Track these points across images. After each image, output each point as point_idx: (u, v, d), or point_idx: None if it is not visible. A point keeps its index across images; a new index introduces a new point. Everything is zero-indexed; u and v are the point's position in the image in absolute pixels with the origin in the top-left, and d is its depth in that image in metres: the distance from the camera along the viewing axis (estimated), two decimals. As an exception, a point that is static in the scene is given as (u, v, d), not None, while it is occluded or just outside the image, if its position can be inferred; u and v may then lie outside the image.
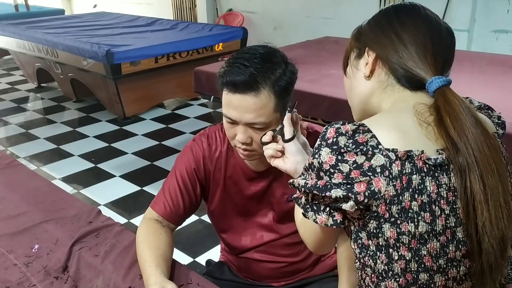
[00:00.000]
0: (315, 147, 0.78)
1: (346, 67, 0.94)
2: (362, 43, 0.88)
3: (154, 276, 1.07)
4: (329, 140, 0.75)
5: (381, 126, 0.76)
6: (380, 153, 0.73)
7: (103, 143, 4.14)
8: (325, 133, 0.76)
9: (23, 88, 5.94)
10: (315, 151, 0.77)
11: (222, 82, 1.09)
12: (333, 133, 0.75)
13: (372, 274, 0.81)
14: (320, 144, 0.76)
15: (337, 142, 0.74)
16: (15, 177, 1.75)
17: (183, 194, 1.25)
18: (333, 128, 0.76)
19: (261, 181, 1.27)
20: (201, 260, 2.45)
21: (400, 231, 0.74)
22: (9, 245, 1.34)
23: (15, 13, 7.12)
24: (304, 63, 3.11)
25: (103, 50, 3.99)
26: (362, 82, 0.88)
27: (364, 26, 0.90)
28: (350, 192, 0.72)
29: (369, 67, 0.86)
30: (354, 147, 0.73)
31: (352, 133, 0.74)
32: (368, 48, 0.86)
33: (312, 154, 0.77)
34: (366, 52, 0.87)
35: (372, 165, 0.72)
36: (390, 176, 0.72)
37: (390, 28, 0.85)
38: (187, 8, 6.96)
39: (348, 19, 5.10)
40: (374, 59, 0.85)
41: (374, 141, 0.73)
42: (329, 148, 0.74)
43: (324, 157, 0.75)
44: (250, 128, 1.10)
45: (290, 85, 1.11)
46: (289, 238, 1.33)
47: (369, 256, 0.80)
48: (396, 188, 0.73)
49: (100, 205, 3.06)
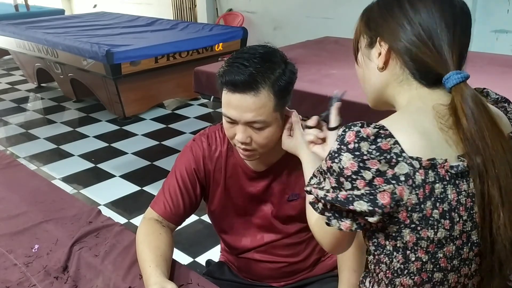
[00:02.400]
0: (333, 150, 0.74)
1: (357, 54, 0.89)
2: (373, 31, 0.82)
3: (154, 276, 1.06)
4: (349, 145, 0.72)
5: (402, 129, 0.74)
6: (404, 161, 0.71)
7: (103, 143, 4.14)
8: (344, 136, 0.74)
9: (23, 88, 5.94)
10: (334, 154, 0.74)
11: (222, 82, 1.09)
12: (353, 137, 0.72)
13: (387, 270, 0.81)
14: (340, 148, 0.73)
15: (359, 148, 0.71)
16: (15, 177, 1.75)
17: (183, 194, 1.25)
18: (352, 131, 0.73)
19: (261, 181, 1.27)
20: (201, 260, 2.45)
21: (419, 236, 0.74)
22: (9, 245, 1.34)
23: (15, 13, 7.12)
24: (304, 63, 3.11)
25: (103, 50, 3.99)
26: (376, 73, 0.84)
27: (373, 9, 0.83)
28: (376, 207, 0.71)
29: (382, 59, 0.82)
30: (378, 154, 0.71)
31: (374, 138, 0.72)
32: (379, 38, 0.81)
33: (330, 158, 0.74)
34: (378, 42, 0.82)
35: (396, 173, 0.71)
36: (413, 184, 0.71)
37: (403, 15, 0.79)
38: (187, 8, 6.95)
39: (348, 19, 5.07)
40: (387, 51, 0.81)
41: (397, 148, 0.71)
42: (350, 153, 0.72)
43: (346, 162, 0.72)
44: (250, 127, 1.10)
45: (290, 85, 1.11)
46: (290, 239, 1.33)
47: (385, 255, 0.80)
48: (418, 196, 0.72)
49: (100, 205, 3.06)
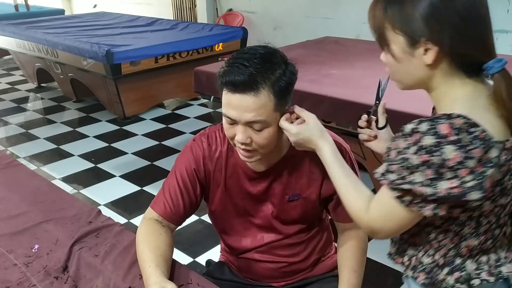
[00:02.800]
0: (430, 144, 0.79)
1: (383, 44, 0.91)
2: (417, 32, 0.85)
3: (154, 276, 1.06)
4: (449, 137, 0.78)
5: (481, 118, 0.81)
6: (495, 146, 0.81)
7: (103, 143, 4.14)
8: (436, 129, 0.79)
9: (23, 88, 5.94)
10: (433, 148, 0.79)
11: (222, 82, 1.09)
12: (450, 130, 0.79)
13: (454, 237, 0.93)
14: (439, 142, 0.78)
15: (461, 140, 0.78)
16: (15, 177, 1.75)
17: (183, 194, 1.25)
18: (444, 124, 0.79)
19: (262, 181, 1.26)
20: (201, 260, 2.45)
21: (496, 205, 0.88)
22: (9, 245, 1.34)
23: (15, 13, 7.12)
24: (304, 63, 3.11)
25: (103, 50, 3.99)
26: (420, 68, 0.88)
27: (408, 10, 0.84)
28: (484, 193, 0.80)
29: (431, 58, 0.86)
30: (479, 143, 0.79)
31: (467, 128, 0.79)
32: (426, 40, 0.84)
33: (427, 152, 0.79)
34: (424, 43, 0.85)
35: (490, 157, 0.80)
36: (499, 164, 0.82)
37: (456, 15, 0.82)
38: (187, 8, 6.95)
39: (348, 19, 5.10)
40: (437, 52, 0.85)
41: (488, 135, 0.80)
42: (453, 145, 0.78)
43: (449, 154, 0.78)
44: (250, 128, 1.10)
45: (290, 86, 1.11)
46: (290, 239, 1.33)
47: (456, 224, 0.91)
48: (502, 174, 0.84)
49: (100, 205, 3.06)
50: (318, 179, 1.25)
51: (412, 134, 0.83)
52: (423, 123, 0.81)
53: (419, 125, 0.82)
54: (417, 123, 0.82)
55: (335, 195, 1.27)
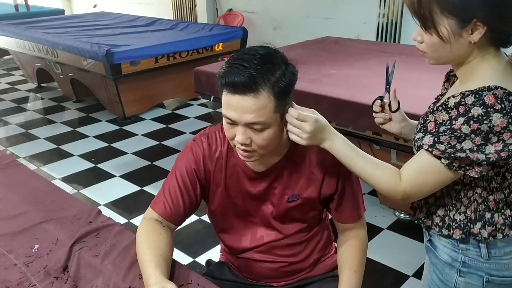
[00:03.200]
0: (479, 114, 0.90)
1: (429, 26, 0.96)
2: (469, 13, 0.91)
3: (154, 276, 1.06)
4: (495, 106, 0.90)
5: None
6: None
7: (103, 143, 4.14)
8: (482, 100, 0.90)
9: (23, 88, 5.94)
10: (482, 117, 0.90)
11: (222, 83, 1.08)
12: (494, 100, 0.90)
13: (482, 191, 1.05)
14: (487, 112, 0.90)
15: (505, 107, 0.90)
16: (15, 177, 1.75)
17: (183, 194, 1.25)
18: (488, 96, 0.90)
19: (262, 181, 1.26)
20: (201, 260, 2.45)
21: None
22: (9, 245, 1.34)
23: (15, 13, 7.12)
24: (304, 63, 3.11)
25: (103, 50, 3.99)
26: (464, 45, 0.96)
27: None
28: None
29: (478, 37, 0.93)
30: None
31: (507, 97, 0.91)
32: (476, 20, 0.91)
33: (476, 121, 0.90)
34: (474, 24, 0.92)
35: None
36: None
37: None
38: (187, 8, 6.96)
39: (348, 19, 5.10)
40: (486, 31, 0.92)
41: None
42: (499, 113, 0.90)
43: (496, 121, 0.90)
44: (250, 129, 1.09)
45: (290, 86, 1.10)
46: (289, 239, 1.33)
47: (484, 180, 1.03)
48: None
49: (100, 205, 3.06)
50: (318, 179, 1.25)
51: (457, 107, 0.93)
52: (467, 97, 0.92)
53: (464, 99, 0.92)
54: (460, 97, 0.93)
55: (335, 195, 1.28)
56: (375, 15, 4.87)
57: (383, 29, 4.83)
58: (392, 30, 4.78)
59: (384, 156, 2.48)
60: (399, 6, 4.65)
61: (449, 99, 0.96)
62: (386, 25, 4.81)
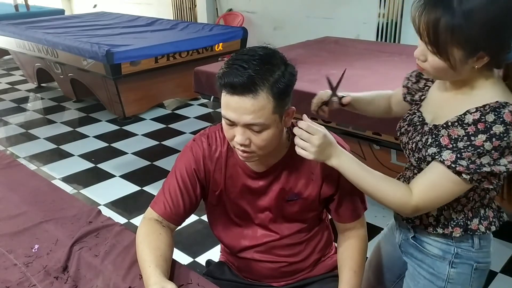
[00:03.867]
0: (501, 131, 0.96)
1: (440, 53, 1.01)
2: (478, 47, 0.98)
3: (154, 276, 1.06)
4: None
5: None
6: None
7: (103, 143, 4.14)
8: (502, 118, 0.96)
9: (23, 88, 5.94)
10: (502, 135, 0.96)
11: (221, 84, 1.08)
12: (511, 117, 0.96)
13: (481, 191, 1.13)
14: (507, 129, 0.96)
15: None
16: (15, 177, 1.75)
17: (183, 194, 1.25)
18: (507, 113, 0.96)
19: (261, 181, 1.26)
20: (201, 260, 2.45)
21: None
22: (9, 245, 1.34)
23: (15, 13, 7.12)
24: (304, 63, 3.11)
25: (103, 50, 3.99)
26: (468, 70, 1.03)
27: (472, 29, 0.96)
28: None
29: (481, 64, 1.01)
30: None
31: None
32: (483, 52, 0.99)
33: (498, 138, 0.96)
34: (480, 54, 0.99)
35: None
36: None
37: (507, 33, 1.00)
38: (187, 8, 6.96)
39: (348, 19, 5.10)
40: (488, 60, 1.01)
41: None
42: None
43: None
44: (249, 129, 1.09)
45: (289, 87, 1.10)
46: (289, 239, 1.33)
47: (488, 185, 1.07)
48: None
49: (100, 205, 3.06)
50: (318, 179, 1.25)
51: (476, 124, 0.98)
52: (487, 114, 0.97)
53: (484, 116, 0.98)
54: (480, 114, 0.98)
55: (335, 195, 1.28)
56: (375, 15, 4.87)
57: (383, 29, 4.84)
58: (392, 30, 4.78)
59: (384, 156, 2.48)
60: (399, 6, 4.65)
61: (465, 115, 1.01)
62: (386, 25, 4.81)
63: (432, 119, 1.14)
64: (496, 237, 2.55)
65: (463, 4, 0.95)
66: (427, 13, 0.99)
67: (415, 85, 1.29)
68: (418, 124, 1.17)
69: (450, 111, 1.07)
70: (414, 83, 1.29)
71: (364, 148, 2.56)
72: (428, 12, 0.98)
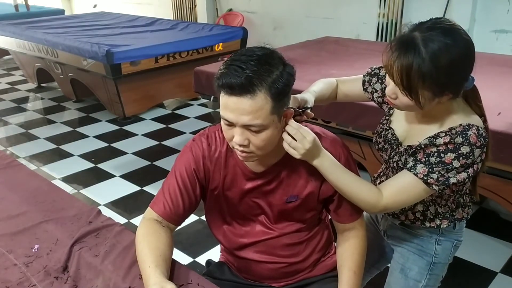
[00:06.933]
0: (467, 152, 1.11)
1: (410, 94, 1.11)
2: (441, 89, 1.10)
3: (153, 277, 1.06)
4: (477, 143, 1.11)
5: (477, 123, 1.16)
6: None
7: (103, 143, 4.14)
8: (468, 140, 1.11)
9: (23, 88, 5.94)
10: (469, 154, 1.11)
11: (219, 85, 1.08)
12: (476, 138, 1.11)
13: (459, 187, 1.30)
14: (472, 149, 1.11)
15: (483, 144, 1.12)
16: (15, 177, 1.75)
17: (182, 194, 1.25)
18: (472, 136, 1.11)
19: (260, 182, 1.26)
20: (201, 260, 2.45)
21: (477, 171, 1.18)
22: (9, 245, 1.34)
23: (15, 13, 7.12)
24: (304, 63, 3.11)
25: (103, 50, 4.00)
26: (433, 105, 1.14)
27: (437, 74, 1.06)
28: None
29: (445, 99, 1.13)
30: (485, 139, 1.14)
31: (481, 133, 1.13)
32: (447, 91, 1.11)
33: (464, 157, 1.11)
34: (445, 93, 1.11)
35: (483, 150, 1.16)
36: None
37: (467, 72, 1.11)
38: (187, 8, 6.96)
39: (348, 19, 5.10)
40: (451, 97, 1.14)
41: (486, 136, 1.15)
42: (480, 149, 1.12)
43: (476, 155, 1.12)
44: (247, 130, 1.09)
45: (287, 87, 1.10)
46: (288, 238, 1.33)
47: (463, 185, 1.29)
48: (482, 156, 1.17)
49: (100, 205, 3.06)
50: (317, 180, 1.25)
51: (446, 144, 1.12)
52: (456, 137, 1.11)
53: (454, 139, 1.11)
54: (450, 138, 1.12)
55: (335, 196, 1.28)
56: (375, 15, 4.87)
57: (383, 29, 4.84)
58: (392, 30, 4.78)
59: (384, 156, 2.48)
60: (399, 6, 4.65)
61: (436, 139, 1.14)
62: (386, 25, 4.81)
63: (404, 139, 1.28)
64: (496, 237, 2.56)
65: (428, 47, 1.05)
66: (400, 60, 1.07)
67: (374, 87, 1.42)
68: (393, 142, 1.30)
69: (420, 132, 1.21)
70: (373, 90, 1.42)
71: (364, 148, 2.56)
72: (400, 59, 1.07)
